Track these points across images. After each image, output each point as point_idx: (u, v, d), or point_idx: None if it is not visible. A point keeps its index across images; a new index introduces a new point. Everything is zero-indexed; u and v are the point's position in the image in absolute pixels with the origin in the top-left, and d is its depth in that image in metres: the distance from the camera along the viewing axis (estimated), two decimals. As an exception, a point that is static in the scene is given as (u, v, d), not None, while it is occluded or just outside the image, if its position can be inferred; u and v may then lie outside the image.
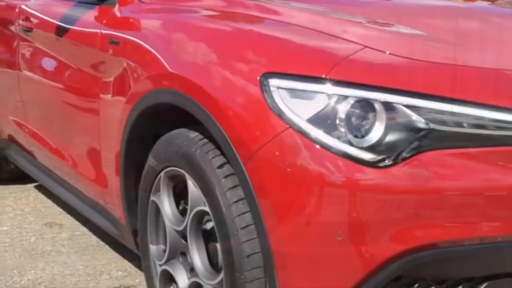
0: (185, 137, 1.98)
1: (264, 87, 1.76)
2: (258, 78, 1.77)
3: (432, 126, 1.66)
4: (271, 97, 1.74)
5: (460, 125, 1.68)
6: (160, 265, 2.16)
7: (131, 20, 2.38)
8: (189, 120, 1.97)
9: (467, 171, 1.68)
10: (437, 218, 1.67)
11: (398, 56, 1.81)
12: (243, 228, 1.79)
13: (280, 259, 1.73)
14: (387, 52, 1.81)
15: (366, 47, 1.81)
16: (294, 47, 1.89)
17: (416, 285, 1.72)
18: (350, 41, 1.85)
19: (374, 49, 1.81)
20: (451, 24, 2.24)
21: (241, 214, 1.80)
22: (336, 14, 2.18)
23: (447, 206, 1.67)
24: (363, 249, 1.66)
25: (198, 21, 2.19)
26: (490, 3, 2.78)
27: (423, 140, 1.66)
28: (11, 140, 3.41)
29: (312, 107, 1.70)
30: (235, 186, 1.81)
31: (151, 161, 2.12)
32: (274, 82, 1.75)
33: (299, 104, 1.72)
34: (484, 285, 1.74)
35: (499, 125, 1.69)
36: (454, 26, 2.22)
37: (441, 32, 2.09)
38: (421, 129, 1.66)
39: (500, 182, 1.70)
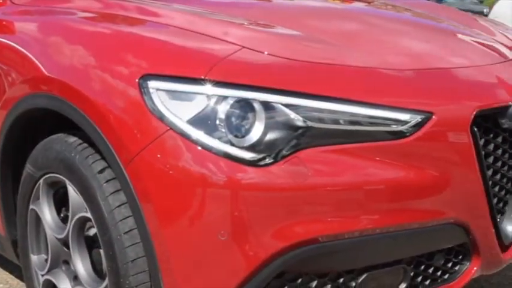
0: (64, 142, 1.95)
1: (143, 89, 1.75)
2: (137, 80, 1.76)
3: (310, 124, 1.71)
4: (151, 99, 1.74)
5: (336, 122, 1.73)
6: (42, 275, 2.11)
7: (4, 23, 2.31)
8: (69, 125, 1.93)
9: (346, 167, 1.73)
10: (318, 213, 1.72)
11: (276, 56, 1.84)
12: (126, 232, 1.78)
13: (165, 262, 1.74)
14: (265, 52, 1.84)
15: (244, 47, 1.83)
16: (173, 48, 1.89)
17: (299, 280, 1.77)
18: (229, 42, 1.87)
19: (252, 50, 1.84)
20: (329, 24, 2.31)
21: (124, 219, 1.79)
22: (216, 15, 2.19)
23: (327, 202, 1.72)
24: (246, 248, 1.68)
25: (75, 23, 2.15)
26: (366, 4, 2.88)
27: (301, 138, 1.70)
28: None
29: (192, 108, 1.72)
30: (117, 191, 1.80)
31: (29, 168, 2.07)
32: (153, 84, 1.75)
33: (179, 106, 1.72)
34: (364, 276, 1.81)
35: (373, 121, 1.76)
36: (332, 27, 2.28)
37: (319, 32, 2.14)
38: (299, 128, 1.70)
39: (378, 176, 1.76)
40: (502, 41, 2.45)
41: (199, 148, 1.69)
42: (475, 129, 1.87)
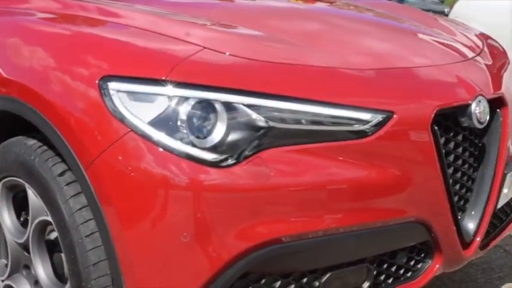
0: (23, 145, 1.92)
1: (103, 90, 1.74)
2: (97, 82, 1.75)
3: (272, 124, 1.71)
4: (111, 101, 1.73)
5: (298, 122, 1.74)
6: (2, 281, 2.08)
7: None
8: (28, 128, 1.91)
9: (308, 167, 1.74)
10: (281, 213, 1.72)
11: (238, 56, 1.84)
12: (87, 236, 1.76)
13: (127, 265, 1.72)
14: (227, 53, 1.84)
15: (206, 48, 1.83)
16: (134, 49, 1.87)
17: (263, 281, 1.77)
18: (190, 43, 1.86)
19: (214, 50, 1.83)
20: (291, 25, 2.31)
21: (85, 222, 1.77)
22: (178, 16, 2.18)
23: (290, 202, 1.72)
24: (209, 249, 1.68)
25: (33, 24, 2.11)
26: (329, 4, 2.90)
27: (263, 138, 1.70)
28: None
29: (153, 110, 1.70)
30: (77, 194, 1.78)
31: (-14, 172, 2.03)
32: (113, 85, 1.74)
33: (140, 107, 1.71)
34: (328, 275, 1.81)
35: (335, 120, 1.77)
36: (294, 27, 2.29)
37: (281, 32, 2.14)
38: (261, 128, 1.70)
39: (340, 175, 1.77)
40: (462, 40, 2.48)
41: (161, 150, 1.68)
42: (436, 127, 1.89)
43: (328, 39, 2.19)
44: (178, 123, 1.69)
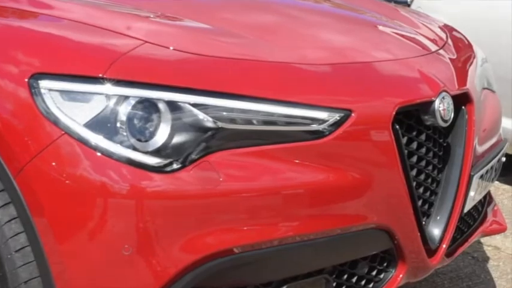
0: None
1: (33, 90, 1.70)
2: (26, 80, 1.71)
3: (220, 125, 1.70)
4: (43, 101, 1.70)
5: (249, 122, 1.74)
6: None
7: None
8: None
9: (261, 170, 1.74)
10: (232, 222, 1.71)
11: (183, 51, 1.83)
12: (17, 251, 1.72)
13: (62, 282, 1.69)
14: (171, 47, 1.82)
15: (148, 42, 1.81)
16: (68, 44, 1.84)
17: (213, 296, 1.76)
18: (131, 37, 1.84)
19: (157, 45, 1.82)
20: (242, 17, 2.31)
21: (15, 235, 1.73)
22: (118, 7, 2.15)
23: (241, 209, 1.72)
24: (153, 262, 1.66)
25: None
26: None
27: (212, 140, 1.70)
28: None
29: (90, 110, 1.68)
30: (6, 204, 1.74)
31: None
32: (45, 84, 1.70)
33: (75, 108, 1.69)
34: (284, 288, 1.81)
35: (289, 120, 1.77)
36: (246, 19, 2.29)
37: (232, 25, 2.14)
38: (209, 129, 1.69)
39: (296, 179, 1.77)
40: (425, 33, 2.52)
41: (99, 154, 1.66)
42: (397, 126, 1.90)
43: (282, 32, 2.20)
44: (118, 124, 1.67)
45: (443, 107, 2.01)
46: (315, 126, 1.78)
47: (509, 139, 3.56)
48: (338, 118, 1.80)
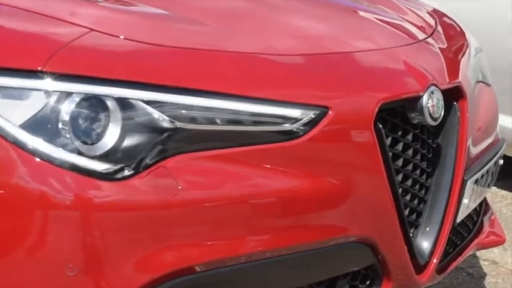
0: None
1: None
2: None
3: (179, 125, 1.70)
4: None
5: (212, 121, 1.74)
6: None
7: None
8: None
9: (226, 177, 1.74)
10: (193, 236, 1.72)
11: (135, 40, 1.83)
12: None
13: (-5, 307, 1.68)
14: (121, 36, 1.82)
15: (94, 30, 1.81)
16: (3, 33, 1.83)
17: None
18: (75, 24, 1.83)
19: (105, 33, 1.82)
20: (206, 2, 2.30)
21: None
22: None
23: (203, 221, 1.72)
24: (102, 284, 1.66)
25: None
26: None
27: (169, 143, 1.70)
28: None
29: (27, 109, 1.67)
30: None
31: None
32: None
33: (9, 106, 1.67)
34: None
35: (257, 119, 1.78)
36: (209, 5, 2.28)
37: (191, 11, 2.14)
38: (165, 130, 1.69)
39: (266, 187, 1.78)
40: (411, 19, 2.54)
41: (38, 160, 1.65)
42: (380, 125, 1.91)
43: (249, 19, 2.21)
44: (60, 125, 1.66)
45: (432, 103, 2.02)
46: (286, 126, 1.79)
47: (509, 139, 3.61)
48: (313, 116, 1.80)
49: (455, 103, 2.19)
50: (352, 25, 2.37)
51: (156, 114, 1.69)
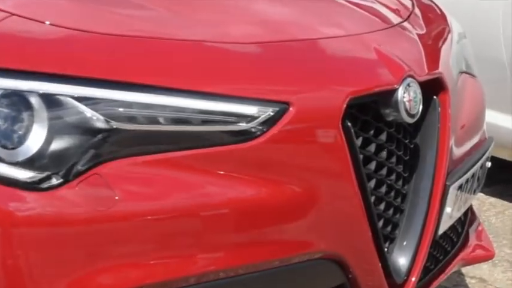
0: None
1: None
2: None
3: (116, 125, 1.70)
4: None
5: (154, 121, 1.75)
6: None
7: None
8: None
9: (172, 185, 1.75)
10: (134, 254, 1.72)
11: (64, 27, 1.83)
12: None
13: None
14: (47, 22, 1.83)
15: (15, 14, 1.81)
16: None
17: None
18: (-8, 7, 1.84)
19: (28, 18, 1.82)
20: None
21: None
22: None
23: (145, 237, 1.73)
24: (27, 311, 1.65)
25: None
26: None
27: (104, 146, 1.70)
28: None
29: None
30: None
31: None
32: None
33: None
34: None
35: (207, 117, 1.78)
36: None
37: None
38: (100, 131, 1.70)
39: (218, 196, 1.80)
40: (384, 1, 2.55)
41: None
42: (349, 124, 1.92)
43: (199, 2, 2.20)
44: (-25, 126, 1.66)
45: (408, 97, 2.03)
46: (241, 125, 1.80)
47: (509, 143, 3.65)
48: (272, 114, 1.81)
49: (435, 97, 2.21)
50: (317, 9, 2.36)
51: (88, 113, 1.69)
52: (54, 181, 1.67)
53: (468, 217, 2.63)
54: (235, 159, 1.80)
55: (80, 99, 1.69)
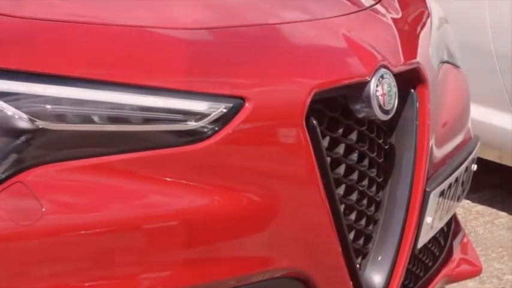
0: None
1: None
2: None
3: (42, 124, 1.69)
4: None
5: (87, 119, 1.74)
6: None
7: None
8: None
9: (109, 195, 1.75)
10: (66, 275, 1.72)
11: None
12: None
13: None
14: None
15: None
16: None
17: None
18: None
19: None
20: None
21: None
22: None
23: (79, 255, 1.72)
24: None
25: None
26: None
27: (28, 149, 1.69)
28: None
29: None
30: None
31: None
32: None
33: None
34: None
35: (149, 115, 1.78)
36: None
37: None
38: (23, 132, 1.69)
39: (164, 207, 1.80)
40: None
41: None
42: (314, 122, 1.92)
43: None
44: None
45: (382, 90, 2.03)
46: (189, 124, 1.79)
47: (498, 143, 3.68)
48: (224, 111, 1.81)
49: (412, 90, 2.23)
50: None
51: (9, 110, 1.68)
52: (-31, 191, 1.67)
53: (452, 228, 2.65)
54: (183, 164, 1.80)
55: (-1, 94, 1.70)
